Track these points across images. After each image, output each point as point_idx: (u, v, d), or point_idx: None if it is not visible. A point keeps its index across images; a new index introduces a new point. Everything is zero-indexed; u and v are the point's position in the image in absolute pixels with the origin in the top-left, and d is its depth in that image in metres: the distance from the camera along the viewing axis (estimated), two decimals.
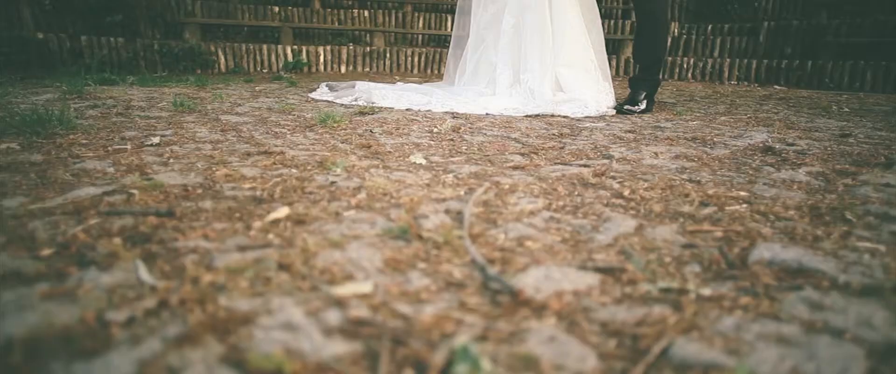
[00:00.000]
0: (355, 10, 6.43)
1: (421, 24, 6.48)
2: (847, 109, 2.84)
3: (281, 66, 5.25)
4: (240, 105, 2.29)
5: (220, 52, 5.07)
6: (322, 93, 2.80)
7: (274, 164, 1.18)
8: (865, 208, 0.94)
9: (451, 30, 6.36)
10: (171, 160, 1.19)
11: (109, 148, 1.31)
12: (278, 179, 1.03)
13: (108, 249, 0.68)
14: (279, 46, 5.36)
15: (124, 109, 2.03)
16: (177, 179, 1.03)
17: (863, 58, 5.05)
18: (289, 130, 1.66)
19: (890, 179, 1.15)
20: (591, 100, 2.26)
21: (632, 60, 2.55)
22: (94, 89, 2.74)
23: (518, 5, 2.36)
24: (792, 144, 1.59)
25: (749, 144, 1.60)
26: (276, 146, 1.38)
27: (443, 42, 6.23)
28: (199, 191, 0.95)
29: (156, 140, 1.41)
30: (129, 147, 1.32)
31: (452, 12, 6.86)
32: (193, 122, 1.77)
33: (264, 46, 5.30)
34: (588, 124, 1.94)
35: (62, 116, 1.54)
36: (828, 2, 6.26)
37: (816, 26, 5.68)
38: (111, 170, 1.09)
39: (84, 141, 1.38)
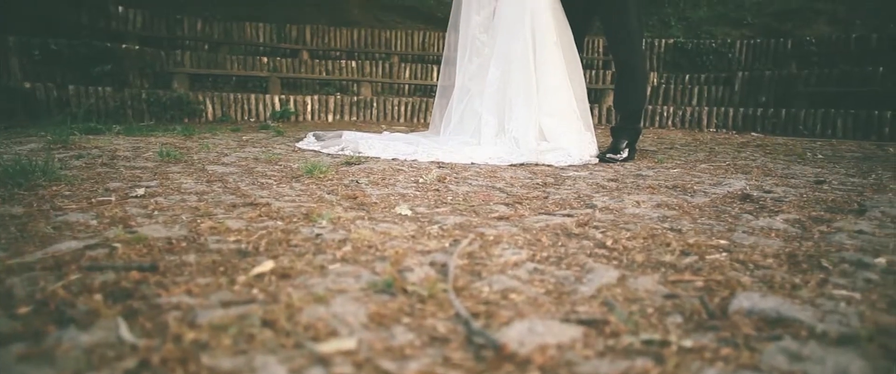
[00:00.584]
0: (343, 61, 6.58)
1: (407, 75, 6.64)
2: (821, 156, 2.93)
3: (268, 115, 5.31)
4: (226, 155, 2.30)
5: (208, 102, 5.12)
6: (309, 142, 2.83)
7: (259, 216, 1.18)
8: (840, 255, 0.96)
9: (437, 80, 6.52)
10: (156, 212, 1.19)
11: (93, 200, 1.30)
12: (264, 232, 1.03)
13: (88, 306, 0.67)
14: (267, 96, 5.43)
15: (109, 159, 2.03)
16: (161, 231, 1.02)
17: (833, 106, 5.25)
18: (275, 180, 1.67)
19: (863, 225, 1.19)
20: (575, 149, 2.31)
21: (613, 110, 2.62)
22: (79, 139, 2.74)
23: (504, 57, 2.44)
24: (769, 192, 1.64)
25: (728, 191, 1.64)
26: (262, 198, 1.38)
27: (429, 92, 6.36)
28: (184, 244, 0.95)
29: (141, 191, 1.41)
30: (113, 199, 1.32)
31: (438, 63, 7.04)
32: (179, 172, 1.77)
33: (252, 96, 5.37)
34: (571, 173, 1.98)
35: (46, 166, 1.54)
36: (797, 53, 6.55)
37: (787, 76, 5.92)
38: (94, 222, 1.09)
39: (67, 192, 1.37)
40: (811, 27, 7.95)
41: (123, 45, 5.40)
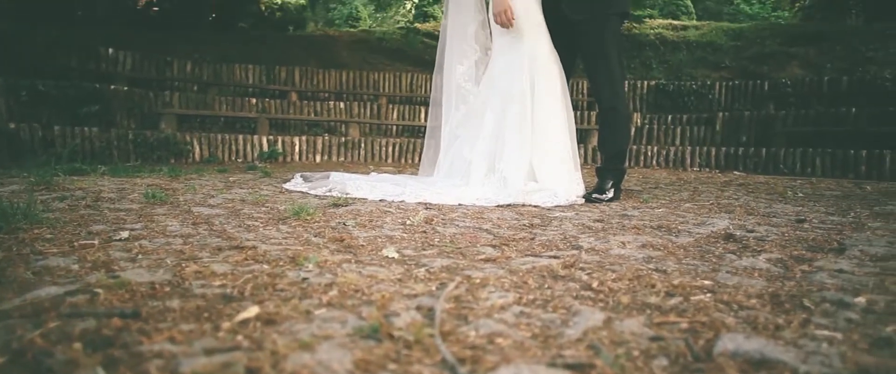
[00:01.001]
0: (331, 102, 6.66)
1: (395, 116, 6.72)
2: (801, 194, 2.99)
3: (256, 155, 5.31)
4: (213, 196, 2.30)
5: (196, 142, 5.12)
6: (296, 184, 2.83)
7: (245, 259, 1.17)
8: (822, 294, 0.97)
9: (426, 121, 6.61)
10: (140, 256, 1.18)
11: (75, 243, 1.28)
12: (249, 276, 1.03)
13: (67, 355, 0.66)
14: (255, 136, 5.45)
15: (93, 200, 2.02)
16: (144, 276, 1.01)
17: (811, 145, 5.39)
18: (262, 223, 1.67)
19: (843, 264, 1.21)
20: (562, 189, 2.33)
21: (597, 150, 2.67)
22: (63, 180, 2.71)
23: (500, 100, 2.46)
24: (752, 231, 1.66)
25: (712, 231, 1.66)
26: (249, 240, 1.38)
27: (416, 132, 6.43)
28: (167, 289, 0.94)
29: (125, 234, 1.40)
30: (96, 242, 1.30)
31: (426, 104, 7.15)
32: (165, 214, 1.76)
33: (240, 136, 5.38)
34: (558, 214, 2.00)
35: (27, 209, 1.52)
36: (774, 94, 6.77)
37: (766, 117, 6.09)
38: (76, 267, 1.07)
39: (49, 236, 1.35)
40: (786, 70, 8.24)
41: (112, 86, 5.43)
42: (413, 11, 13.85)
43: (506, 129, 2.41)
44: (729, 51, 9.18)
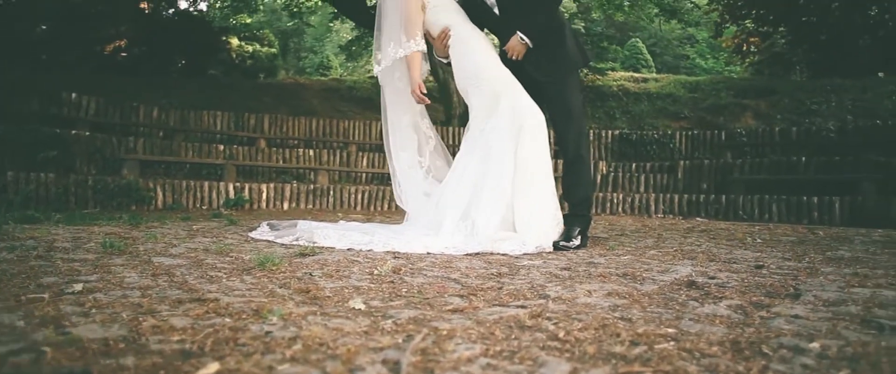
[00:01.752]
0: (301, 150, 6.64)
1: (365, 163, 6.74)
2: (760, 240, 3.08)
3: (222, 203, 5.22)
4: (175, 246, 2.23)
5: (159, 189, 5.01)
6: (262, 232, 2.78)
7: (207, 312, 1.13)
8: (779, 340, 1.00)
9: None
10: (94, 310, 1.13)
11: (22, 297, 1.22)
12: (210, 330, 0.99)
13: None
14: (221, 183, 5.37)
15: (46, 251, 1.93)
16: (98, 332, 0.97)
17: (767, 192, 5.61)
18: (225, 273, 1.62)
19: (798, 310, 1.24)
20: (534, 237, 2.35)
21: (563, 199, 2.71)
22: (13, 228, 2.60)
23: (482, 152, 2.46)
24: (713, 278, 1.70)
25: (675, 278, 1.69)
26: (211, 292, 1.34)
27: (386, 180, 6.45)
28: (122, 345, 0.90)
29: (78, 287, 1.34)
30: (46, 296, 1.24)
31: None
32: (122, 265, 1.70)
33: (206, 183, 5.29)
34: (526, 262, 2.01)
35: None
36: (730, 144, 7.08)
37: (724, 165, 6.34)
38: (21, 324, 1.02)
39: None
40: (740, 120, 8.67)
41: (73, 131, 5.31)
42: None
43: (487, 178, 2.42)
44: (687, 102, 9.63)
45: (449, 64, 2.70)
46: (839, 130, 6.51)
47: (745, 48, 13.55)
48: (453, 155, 2.73)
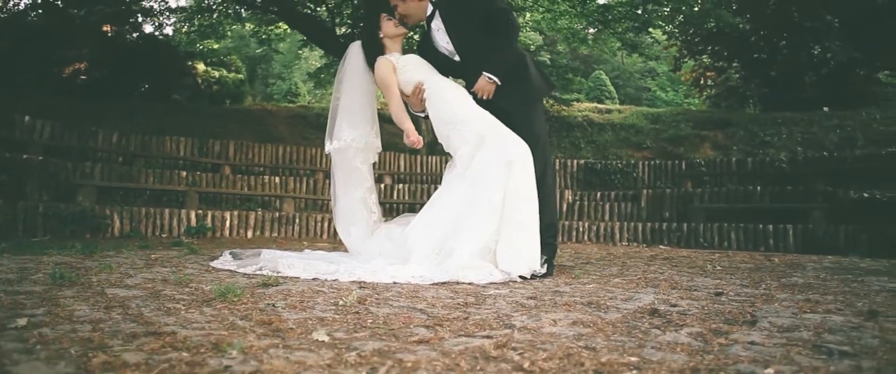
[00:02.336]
0: (266, 177, 6.55)
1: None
2: (719, 268, 3.17)
3: (183, 230, 5.07)
4: (131, 276, 2.15)
5: (116, 216, 4.84)
6: (225, 261, 2.71)
7: (163, 346, 1.09)
8: (737, 367, 1.02)
9: None
10: (39, 347, 1.07)
11: None
12: (166, 366, 0.96)
13: None
14: (183, 210, 5.23)
15: None
16: (42, 370, 0.92)
17: (726, 220, 5.79)
18: (184, 305, 1.57)
19: (755, 336, 1.28)
20: (505, 265, 2.36)
21: None
22: None
23: (468, 186, 2.48)
24: (675, 305, 1.74)
25: (638, 306, 1.72)
26: (168, 325, 1.29)
27: None
28: None
29: (22, 322, 1.27)
30: None
31: None
32: (73, 297, 1.62)
33: (166, 210, 5.14)
34: (492, 291, 2.01)
35: None
36: (690, 173, 7.30)
37: (685, 194, 6.53)
38: None
39: None
40: (699, 151, 8.98)
41: (25, 155, 5.11)
42: None
43: (474, 208, 2.42)
44: (649, 133, 9.95)
45: (426, 117, 2.76)
46: (791, 162, 6.82)
47: (702, 82, 14.16)
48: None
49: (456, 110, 2.59)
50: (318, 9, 9.10)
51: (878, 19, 10.23)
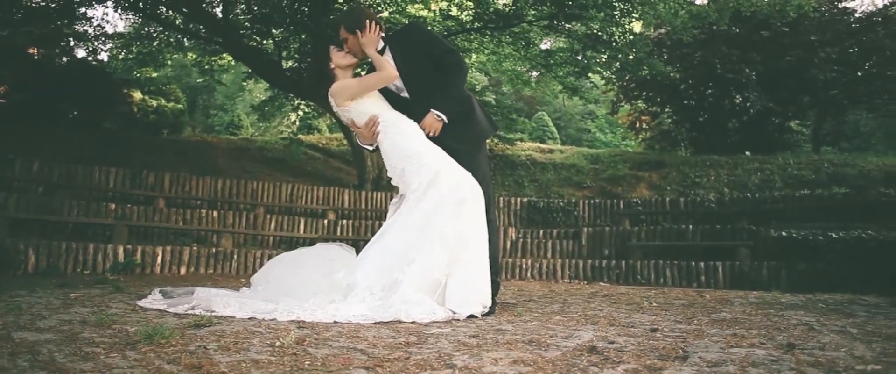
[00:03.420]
0: (203, 211, 6.28)
1: (273, 226, 6.48)
2: (655, 304, 3.28)
3: (108, 267, 4.75)
4: (44, 317, 1.98)
5: (31, 251, 4.49)
6: (154, 300, 2.56)
7: None
8: None
9: (305, 232, 6.40)
10: None
11: None
12: None
13: None
14: (110, 245, 4.92)
15: None
16: None
17: (661, 258, 6.03)
18: (104, 349, 1.46)
19: (686, 371, 1.33)
20: (455, 304, 2.35)
21: None
22: None
23: (421, 221, 2.47)
24: (613, 342, 1.78)
25: (578, 344, 1.75)
26: (84, 372, 1.19)
27: (295, 244, 6.22)
28: None
29: None
30: None
31: (306, 215, 7.02)
32: None
33: (91, 245, 4.82)
34: (435, 330, 1.99)
35: None
36: (628, 212, 7.60)
37: (623, 232, 6.77)
38: None
39: None
40: (636, 190, 9.39)
41: None
42: (297, 123, 14.00)
43: (425, 243, 2.40)
44: (589, 173, 10.33)
45: (375, 150, 2.76)
46: (719, 202, 7.24)
47: (638, 125, 14.96)
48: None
49: (413, 144, 2.61)
50: (265, 42, 9.02)
51: (787, 74, 11.23)
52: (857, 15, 12.07)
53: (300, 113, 11.79)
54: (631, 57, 8.83)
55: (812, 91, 11.45)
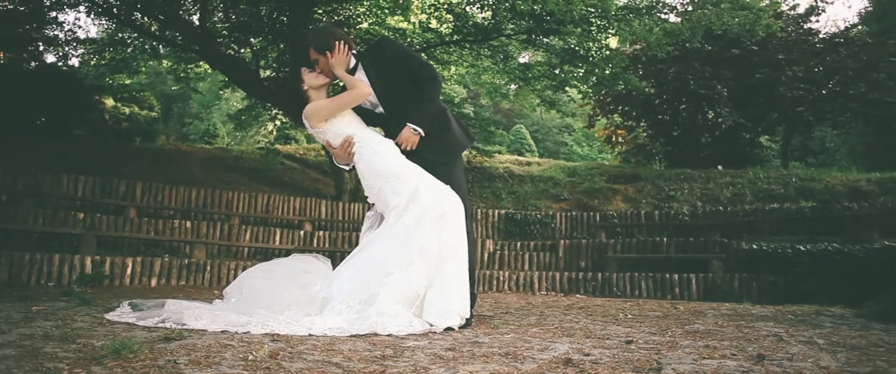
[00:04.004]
0: (176, 221, 6.15)
1: (248, 237, 6.37)
2: (630, 316, 3.31)
3: (75, 279, 4.61)
4: (3, 332, 1.91)
5: None
6: (122, 313, 2.49)
7: None
8: None
9: (281, 243, 6.31)
10: None
11: None
12: None
13: None
14: (77, 256, 4.77)
15: None
16: None
17: (637, 270, 6.11)
18: (68, 364, 1.41)
19: None
20: (434, 316, 2.34)
21: None
22: None
23: (402, 235, 2.44)
24: (588, 355, 1.79)
25: (554, 356, 1.75)
26: None
27: (270, 255, 6.12)
28: None
29: None
30: None
31: (282, 226, 6.93)
32: None
33: (57, 256, 4.68)
34: (411, 343, 1.98)
35: None
36: (604, 225, 7.68)
37: (599, 244, 6.84)
38: None
39: None
40: (612, 203, 9.51)
41: None
42: (274, 133, 13.86)
43: (404, 256, 2.39)
44: (566, 185, 10.43)
45: (350, 170, 2.75)
46: (692, 215, 7.38)
47: (614, 139, 15.20)
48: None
49: (389, 163, 2.60)
50: (243, 50, 8.93)
51: (757, 91, 11.58)
52: (821, 36, 12.54)
53: (277, 123, 11.68)
54: (607, 72, 8.99)
55: (780, 108, 11.81)
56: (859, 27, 15.25)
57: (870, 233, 5.92)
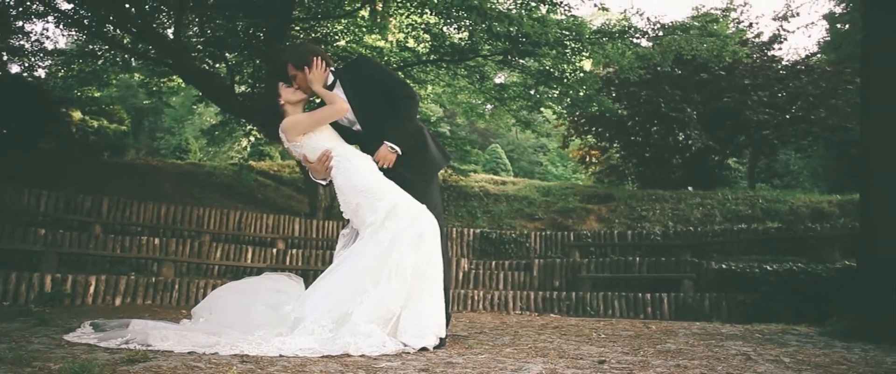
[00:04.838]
0: (144, 238, 5.98)
1: (218, 255, 6.23)
2: (603, 336, 3.33)
3: (33, 298, 4.43)
4: None
5: None
6: (83, 334, 2.39)
7: None
8: None
9: (252, 261, 6.20)
10: None
11: None
12: None
13: None
14: (36, 274, 4.60)
15: None
16: None
17: (610, 289, 6.17)
18: None
19: None
20: (409, 337, 2.31)
21: None
22: None
23: (379, 254, 2.41)
24: None
25: None
26: None
27: (241, 273, 6.00)
28: None
29: None
30: None
31: (254, 244, 6.81)
32: None
33: (14, 274, 4.50)
34: (384, 364, 1.95)
35: None
36: (578, 244, 7.75)
37: (573, 264, 6.89)
38: None
39: None
40: (586, 223, 9.62)
41: None
42: (249, 149, 13.68)
43: (380, 275, 2.36)
44: (541, 205, 10.52)
45: (328, 184, 2.74)
46: (664, 235, 7.50)
47: (588, 159, 15.44)
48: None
49: (370, 179, 2.59)
50: (217, 65, 8.83)
51: (725, 115, 11.95)
52: (783, 63, 13.05)
53: (252, 139, 11.53)
54: (581, 93, 9.16)
55: (747, 131, 12.19)
56: (818, 55, 15.93)
57: (831, 253, 6.11)
